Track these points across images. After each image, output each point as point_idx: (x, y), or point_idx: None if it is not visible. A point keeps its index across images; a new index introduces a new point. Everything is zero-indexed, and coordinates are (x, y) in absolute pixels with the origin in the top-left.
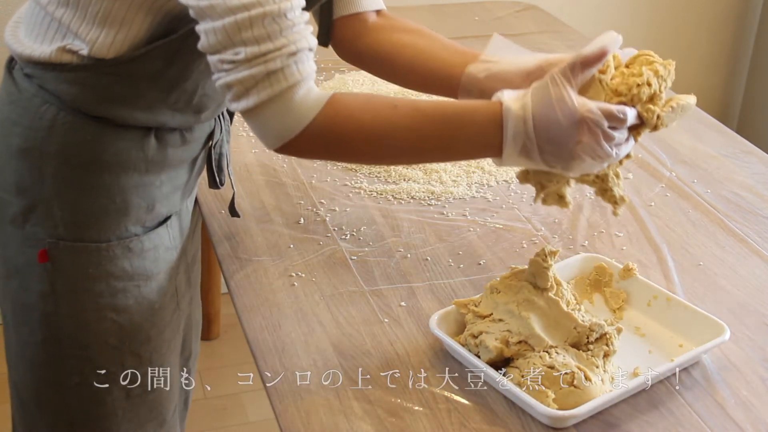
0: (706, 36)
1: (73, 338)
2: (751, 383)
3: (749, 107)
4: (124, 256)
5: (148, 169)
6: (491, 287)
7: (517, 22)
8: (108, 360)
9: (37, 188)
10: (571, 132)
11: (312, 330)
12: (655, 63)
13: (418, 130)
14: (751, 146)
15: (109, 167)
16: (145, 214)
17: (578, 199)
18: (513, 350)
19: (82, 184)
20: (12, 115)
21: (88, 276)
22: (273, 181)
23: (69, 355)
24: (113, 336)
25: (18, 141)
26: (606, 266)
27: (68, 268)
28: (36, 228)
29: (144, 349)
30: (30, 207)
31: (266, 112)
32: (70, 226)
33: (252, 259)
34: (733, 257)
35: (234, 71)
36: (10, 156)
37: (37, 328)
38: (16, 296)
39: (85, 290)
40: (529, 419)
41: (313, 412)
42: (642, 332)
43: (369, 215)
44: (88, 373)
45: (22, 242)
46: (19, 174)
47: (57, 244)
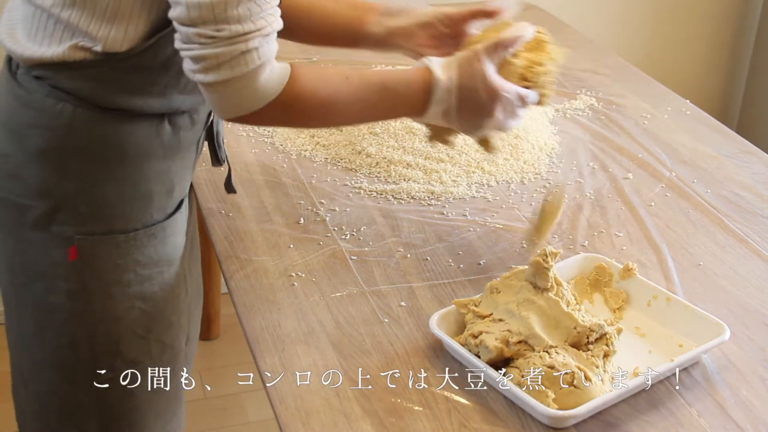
0: (706, 36)
1: (105, 334)
2: (751, 383)
3: (749, 107)
4: (149, 243)
5: (165, 154)
6: (491, 287)
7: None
8: (136, 351)
9: (62, 187)
10: (488, 106)
11: (312, 330)
12: (549, 45)
13: (366, 99)
14: (751, 146)
15: (130, 157)
16: (165, 199)
17: (578, 199)
18: (513, 350)
19: (107, 176)
20: (25, 119)
21: (117, 267)
22: (273, 181)
23: (101, 352)
24: (140, 326)
25: (37, 142)
26: (606, 266)
27: (98, 262)
28: (63, 227)
29: (167, 336)
30: (56, 207)
31: (232, 87)
32: (98, 219)
33: (252, 259)
34: (733, 257)
35: (211, 46)
36: (29, 160)
37: (64, 331)
38: (39, 301)
39: (115, 281)
40: (529, 419)
41: (313, 412)
42: (642, 332)
43: (369, 215)
44: (119, 368)
45: (46, 244)
46: (41, 176)
47: (86, 239)
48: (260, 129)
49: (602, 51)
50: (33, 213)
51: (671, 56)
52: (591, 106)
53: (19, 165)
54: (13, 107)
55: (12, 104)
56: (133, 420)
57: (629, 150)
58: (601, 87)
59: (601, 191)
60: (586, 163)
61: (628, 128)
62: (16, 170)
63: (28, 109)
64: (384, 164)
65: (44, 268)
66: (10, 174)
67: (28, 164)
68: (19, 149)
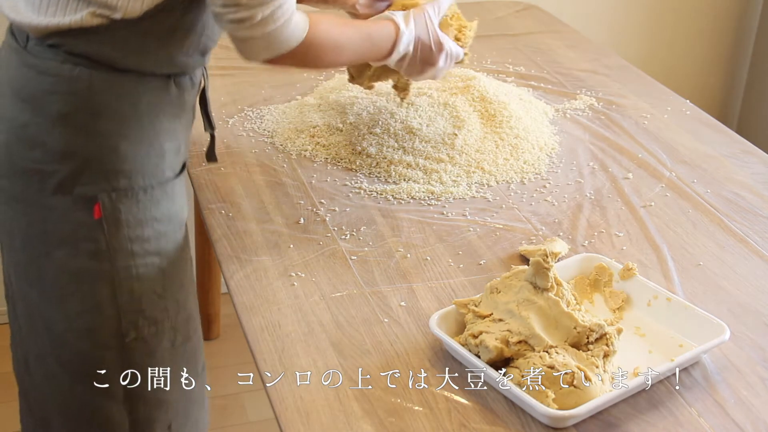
0: (706, 36)
1: (128, 292)
2: (751, 383)
3: (749, 107)
4: (164, 199)
5: (173, 113)
6: (491, 287)
7: (517, 22)
8: (156, 309)
9: (86, 147)
10: (435, 56)
11: (312, 330)
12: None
13: (360, 45)
14: (751, 146)
15: (144, 115)
16: (174, 157)
17: (578, 199)
18: (513, 350)
19: (126, 134)
20: (43, 86)
21: (138, 223)
22: (273, 181)
23: (125, 311)
24: (158, 284)
25: (58, 107)
26: (606, 266)
27: (120, 218)
28: (86, 187)
29: (181, 295)
30: (80, 168)
31: (267, 39)
32: (120, 176)
33: (252, 259)
34: (733, 257)
35: (246, 9)
36: (52, 125)
37: (89, 294)
38: (62, 269)
39: (136, 237)
40: (529, 419)
41: (313, 412)
42: (642, 332)
43: (369, 215)
44: (141, 326)
45: (69, 208)
46: (64, 139)
47: (110, 196)
48: (260, 129)
49: (602, 51)
50: (56, 177)
51: (671, 56)
52: (591, 106)
53: (39, 132)
54: (28, 77)
55: (26, 74)
56: None
57: (629, 150)
58: (601, 87)
59: (601, 191)
60: (586, 163)
61: (628, 128)
62: (36, 137)
63: (46, 77)
64: (384, 164)
65: (67, 233)
66: (31, 142)
67: (50, 130)
68: (38, 116)
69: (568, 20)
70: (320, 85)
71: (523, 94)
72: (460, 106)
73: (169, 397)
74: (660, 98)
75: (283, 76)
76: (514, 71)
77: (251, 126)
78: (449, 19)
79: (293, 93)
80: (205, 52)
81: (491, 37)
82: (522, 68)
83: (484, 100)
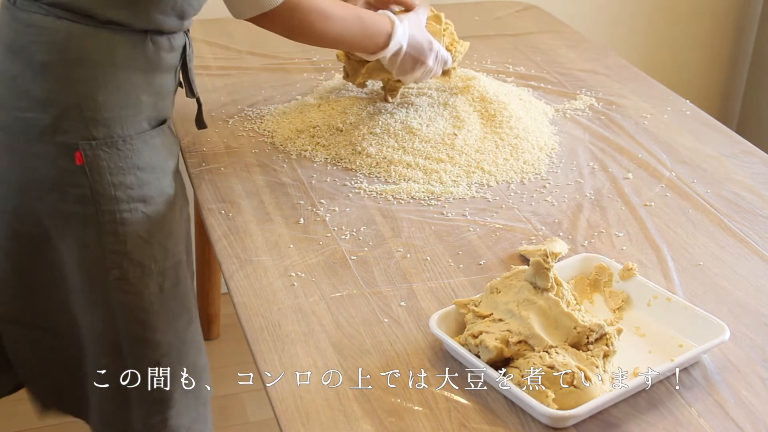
0: (706, 36)
1: (113, 234)
2: (751, 383)
3: (749, 107)
4: (144, 149)
5: (149, 68)
6: (491, 287)
7: (517, 22)
8: (141, 253)
9: (65, 96)
10: (426, 54)
11: (312, 330)
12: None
13: (350, 25)
14: (751, 146)
15: (122, 67)
16: (152, 111)
17: (578, 199)
18: (513, 350)
19: (104, 84)
20: (29, 38)
21: (119, 170)
22: (273, 181)
23: (110, 251)
24: (143, 229)
25: (40, 57)
26: (606, 266)
27: (102, 165)
28: (67, 135)
29: (169, 243)
30: (60, 115)
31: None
32: (99, 125)
33: (252, 259)
34: (733, 257)
35: None
36: (34, 74)
37: (80, 233)
38: (55, 209)
39: (120, 183)
40: (529, 419)
41: (313, 412)
42: (642, 332)
43: (369, 215)
44: (126, 268)
45: (53, 155)
46: (45, 88)
47: (90, 144)
48: (260, 129)
49: (602, 51)
50: (38, 125)
51: (671, 56)
52: (591, 106)
53: (25, 81)
54: (17, 30)
55: (15, 27)
56: (142, 319)
57: (629, 150)
58: (601, 87)
59: (601, 191)
60: (586, 163)
61: (628, 128)
62: (23, 87)
63: (30, 28)
64: (384, 164)
65: (55, 179)
66: (20, 92)
67: (33, 79)
68: (25, 67)
69: (568, 20)
70: (320, 85)
71: (523, 94)
72: (460, 106)
73: (159, 338)
74: (660, 98)
75: (283, 75)
76: (514, 71)
77: (251, 126)
78: (443, 31)
79: (293, 93)
80: (183, 16)
81: (491, 37)
82: (522, 68)
83: (484, 100)
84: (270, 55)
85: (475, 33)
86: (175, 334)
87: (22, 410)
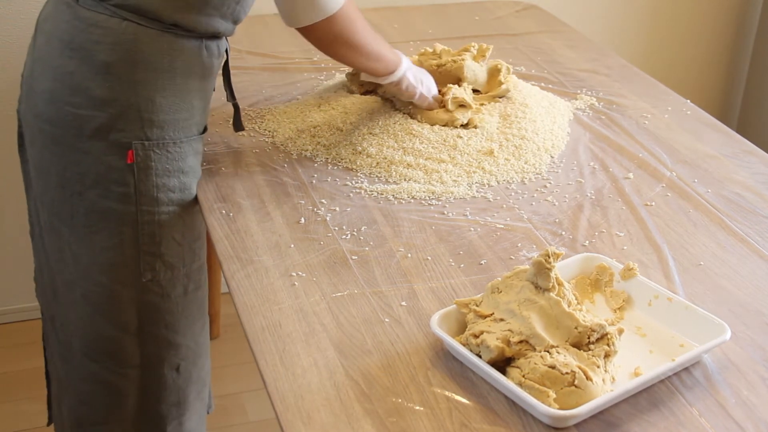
0: (706, 36)
1: (149, 235)
2: (751, 383)
3: (749, 107)
4: (190, 153)
5: (202, 74)
6: (492, 287)
7: (517, 22)
8: (173, 255)
9: (125, 96)
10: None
11: (312, 330)
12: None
13: (374, 43)
14: (751, 146)
15: (180, 72)
16: (201, 116)
17: (579, 199)
18: (514, 350)
19: (163, 87)
20: (93, 37)
21: (165, 172)
22: (273, 181)
23: (145, 252)
24: (178, 231)
25: (103, 57)
26: (607, 266)
27: (150, 166)
28: (121, 134)
29: (197, 245)
30: (118, 115)
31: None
32: (154, 127)
33: (252, 258)
34: (733, 257)
35: None
36: (95, 73)
37: (115, 231)
38: (92, 206)
39: (163, 185)
40: (530, 419)
41: (314, 412)
42: (643, 332)
43: (369, 215)
44: (159, 269)
45: (103, 152)
46: (106, 87)
47: (143, 145)
48: (261, 129)
49: (602, 51)
50: (94, 122)
51: (671, 56)
52: (591, 106)
53: (84, 79)
54: (79, 29)
55: (78, 26)
56: (168, 321)
57: (629, 150)
58: (601, 87)
59: (601, 191)
60: (586, 163)
61: (629, 128)
62: (81, 84)
63: (95, 28)
64: (384, 164)
65: (100, 175)
66: (75, 88)
67: (94, 77)
68: (84, 65)
69: (568, 20)
70: (321, 85)
71: (551, 96)
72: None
73: (180, 340)
74: (660, 98)
75: (283, 75)
76: (515, 71)
77: (252, 126)
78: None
79: (294, 93)
80: (237, 21)
81: (491, 37)
82: (522, 68)
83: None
84: (270, 55)
85: (475, 33)
86: (192, 337)
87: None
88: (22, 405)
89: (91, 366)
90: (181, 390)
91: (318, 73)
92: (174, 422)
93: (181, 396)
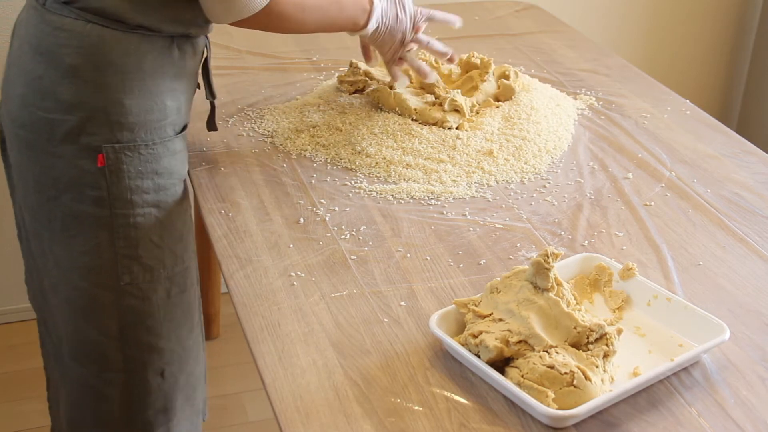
0: (706, 36)
1: (125, 238)
2: (750, 383)
3: (749, 107)
4: (165, 155)
5: (175, 74)
6: (491, 287)
7: (517, 22)
8: (152, 258)
9: (93, 99)
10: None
11: (312, 330)
12: None
13: (326, 9)
14: (751, 146)
15: (149, 72)
16: (176, 116)
17: (578, 199)
18: (513, 350)
19: (131, 89)
20: (59, 41)
21: (138, 174)
22: (273, 181)
23: (122, 255)
24: (156, 233)
25: (69, 60)
26: (606, 266)
27: (122, 169)
28: (91, 137)
29: (179, 248)
30: (87, 118)
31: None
32: (124, 129)
33: (252, 258)
34: (733, 257)
35: None
36: (62, 76)
37: (91, 235)
38: (68, 210)
39: (137, 188)
40: (528, 419)
41: (313, 412)
42: (642, 332)
43: (369, 215)
44: (137, 272)
45: (75, 156)
46: (73, 91)
47: (113, 147)
48: (260, 129)
49: (602, 51)
50: (63, 127)
51: (671, 56)
52: (591, 106)
53: (52, 83)
54: (46, 32)
55: (44, 30)
56: (149, 325)
57: (629, 150)
58: (601, 87)
59: (601, 191)
60: (586, 162)
61: (628, 128)
62: (50, 88)
63: (61, 32)
64: (384, 164)
65: (73, 179)
66: (44, 93)
67: (61, 81)
68: (52, 69)
69: (568, 20)
70: (320, 85)
71: (560, 97)
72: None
73: (164, 345)
74: (660, 98)
75: (283, 75)
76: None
77: (251, 126)
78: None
79: (293, 93)
80: (209, 20)
81: (491, 37)
82: (522, 68)
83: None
84: (270, 55)
85: (475, 33)
86: (178, 341)
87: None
88: (22, 405)
89: (79, 370)
90: (167, 395)
91: (317, 73)
92: (161, 428)
93: (168, 402)
